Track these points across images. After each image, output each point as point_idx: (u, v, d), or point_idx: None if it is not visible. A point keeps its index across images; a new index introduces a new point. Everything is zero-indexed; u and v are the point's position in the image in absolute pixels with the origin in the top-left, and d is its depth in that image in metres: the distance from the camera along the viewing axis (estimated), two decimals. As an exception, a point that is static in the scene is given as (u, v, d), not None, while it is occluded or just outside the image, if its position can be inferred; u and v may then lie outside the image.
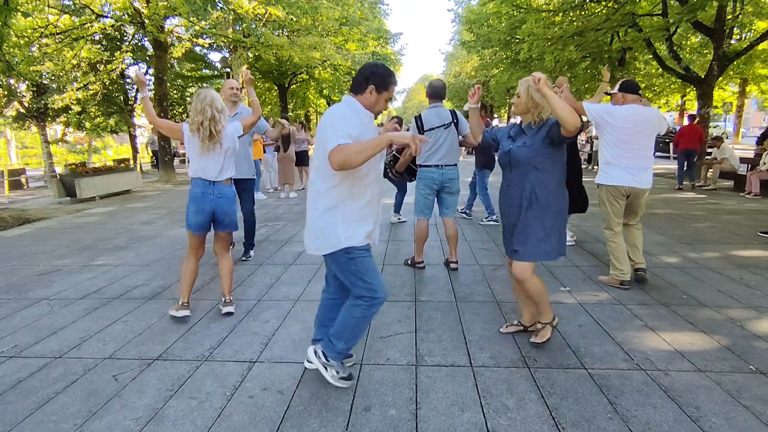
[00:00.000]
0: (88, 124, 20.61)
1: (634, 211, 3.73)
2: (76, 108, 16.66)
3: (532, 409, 2.10)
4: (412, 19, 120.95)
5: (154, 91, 12.16)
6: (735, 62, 11.18)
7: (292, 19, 14.57)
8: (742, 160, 9.81)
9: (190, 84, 26.25)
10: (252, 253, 4.83)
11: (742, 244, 5.00)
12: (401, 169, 4.45)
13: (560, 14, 10.28)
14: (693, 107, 18.63)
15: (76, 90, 14.05)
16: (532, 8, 12.62)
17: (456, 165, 4.11)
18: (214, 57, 24.14)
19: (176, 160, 18.06)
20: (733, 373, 2.37)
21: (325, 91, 25.61)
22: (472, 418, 2.04)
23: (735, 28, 11.40)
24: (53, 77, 13.60)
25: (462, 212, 6.74)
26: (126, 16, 10.56)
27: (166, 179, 12.44)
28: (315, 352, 2.33)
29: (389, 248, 5.05)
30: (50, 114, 16.25)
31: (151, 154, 16.21)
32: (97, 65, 16.41)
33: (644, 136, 3.52)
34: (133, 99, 21.05)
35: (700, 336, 2.81)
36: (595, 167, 12.14)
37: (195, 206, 3.13)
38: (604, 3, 10.94)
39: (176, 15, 10.35)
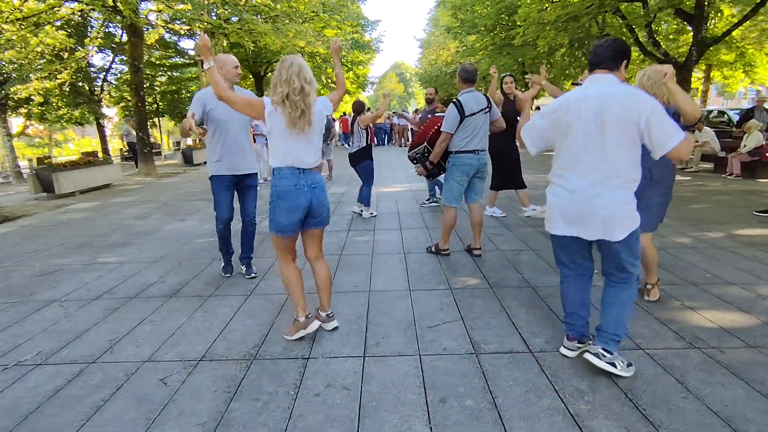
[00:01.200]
0: (50, 116, 19.55)
1: None
2: (38, 99, 15.71)
3: (606, 392, 2.10)
4: (386, 5, 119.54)
5: (130, 80, 11.56)
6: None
7: (270, 4, 14.12)
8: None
9: (160, 73, 25.29)
10: (255, 268, 3.91)
11: (742, 223, 5.18)
12: (437, 159, 4.28)
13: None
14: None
15: (41, 79, 13.23)
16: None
17: (486, 151, 4.07)
18: (186, 44, 23.28)
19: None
20: (783, 348, 2.44)
21: (302, 79, 25.03)
22: (551, 404, 2.02)
23: (711, 15, 11.76)
24: (16, 66, 12.73)
25: (431, 202, 6.78)
26: (98, 0, 9.93)
27: (146, 172, 11.93)
28: (598, 356, 2.17)
29: (404, 236, 4.99)
30: (10, 105, 15.28)
31: (125, 146, 15.46)
32: (61, 53, 15.50)
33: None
34: (100, 88, 20.08)
35: (739, 313, 2.88)
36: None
37: (287, 203, 2.50)
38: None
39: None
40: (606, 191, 2.08)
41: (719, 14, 12.81)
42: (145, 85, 21.01)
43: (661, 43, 11.79)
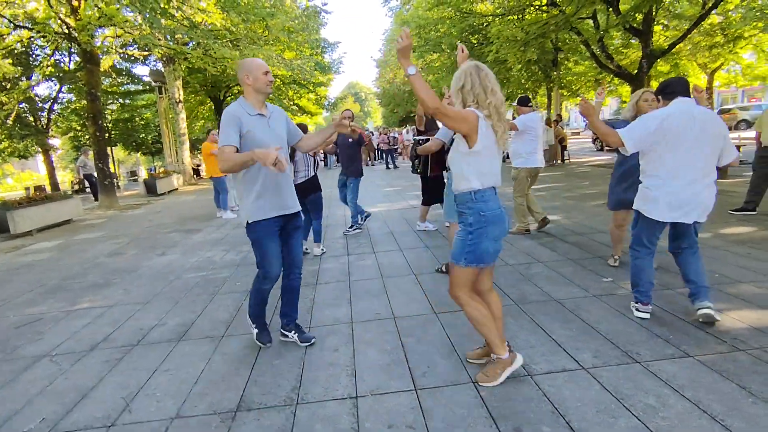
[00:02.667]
0: (-10, 150, 18.22)
1: (535, 182, 5.62)
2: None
3: (677, 406, 2.06)
4: (344, 27, 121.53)
5: (87, 108, 10.94)
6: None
7: (230, 28, 13.89)
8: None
9: (110, 100, 24.21)
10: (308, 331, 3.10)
11: (722, 222, 5.44)
12: (422, 153, 4.23)
13: (516, 15, 10.85)
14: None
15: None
16: (476, 13, 13.14)
17: None
18: (140, 71, 22.47)
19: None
20: (819, 342, 2.51)
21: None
22: (629, 423, 1.96)
23: (657, 30, 12.65)
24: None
25: (355, 229, 6.34)
26: (50, 27, 9.39)
27: (108, 205, 11.22)
28: (712, 309, 2.78)
29: (408, 257, 4.88)
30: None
31: (77, 178, 14.56)
32: (3, 83, 14.54)
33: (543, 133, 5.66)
34: (47, 119, 18.93)
35: (762, 311, 2.96)
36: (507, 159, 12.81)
37: (497, 229, 2.22)
38: (545, 8, 11.65)
39: (111, 25, 9.38)
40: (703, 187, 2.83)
41: (666, 29, 13.79)
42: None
43: (614, 57, 12.51)
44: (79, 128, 23.80)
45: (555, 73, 15.82)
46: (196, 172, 19.57)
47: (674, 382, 2.24)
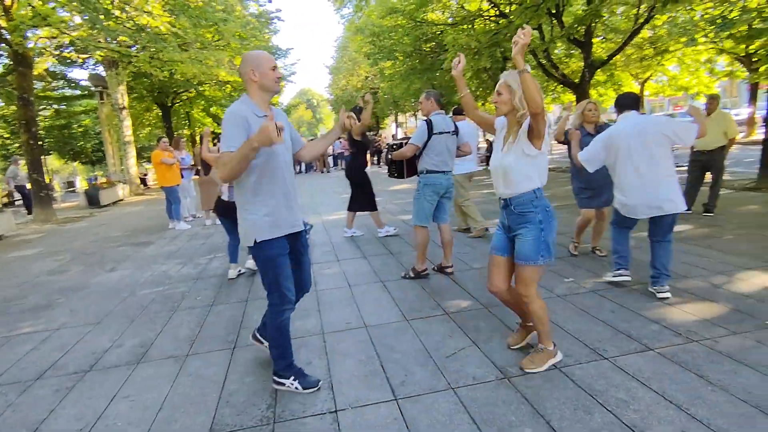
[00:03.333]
0: None
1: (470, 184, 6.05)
2: None
3: (646, 398, 2.16)
4: (296, 34, 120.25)
5: (19, 115, 10.10)
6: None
7: (178, 33, 13.34)
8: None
9: (43, 106, 22.55)
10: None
11: (664, 221, 5.84)
12: (396, 159, 4.27)
13: (467, 25, 11.19)
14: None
15: None
16: (428, 22, 13.43)
17: (452, 171, 4.17)
18: (78, 75, 21.13)
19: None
20: (761, 330, 2.73)
21: (213, 108, 23.89)
22: (605, 418, 2.03)
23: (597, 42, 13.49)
24: None
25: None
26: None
27: (44, 218, 10.39)
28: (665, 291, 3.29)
29: (373, 264, 4.86)
30: None
31: (11, 190, 13.38)
32: None
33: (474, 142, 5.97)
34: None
35: (709, 304, 3.19)
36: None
37: (556, 223, 2.47)
38: (493, 18, 12.11)
39: (46, 25, 8.75)
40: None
41: (605, 41, 14.70)
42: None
43: (559, 66, 13.19)
44: (7, 136, 21.97)
45: (504, 81, 16.43)
46: (143, 181, 18.57)
47: (640, 375, 2.35)
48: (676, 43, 16.12)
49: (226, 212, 4.40)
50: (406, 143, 4.28)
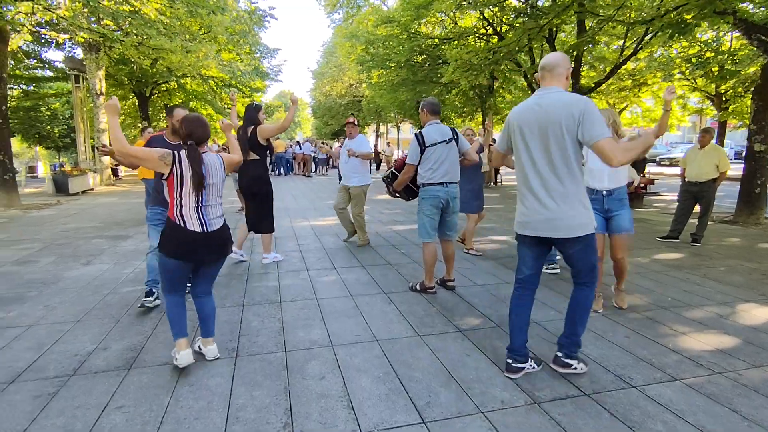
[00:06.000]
0: None
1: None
2: None
3: (685, 431, 2.09)
4: (281, 35, 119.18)
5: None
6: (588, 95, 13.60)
7: (165, 20, 12.90)
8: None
9: (11, 85, 21.32)
10: None
11: (654, 249, 5.95)
12: (399, 188, 4.19)
13: (461, 41, 11.29)
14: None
15: None
16: (423, 35, 13.50)
17: (457, 183, 4.04)
18: (53, 56, 20.14)
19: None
20: (778, 365, 2.74)
21: (192, 103, 23.20)
22: (649, 454, 1.94)
23: (584, 68, 13.94)
24: None
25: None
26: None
27: (8, 203, 9.69)
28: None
29: (374, 275, 4.70)
30: None
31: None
32: None
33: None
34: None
35: (721, 335, 3.19)
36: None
37: None
38: (485, 37, 12.29)
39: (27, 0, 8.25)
40: None
41: (593, 69, 15.18)
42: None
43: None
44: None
45: (491, 99, 16.71)
46: (114, 172, 17.74)
47: (673, 406, 2.29)
48: (653, 77, 16.85)
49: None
50: (396, 165, 4.37)
